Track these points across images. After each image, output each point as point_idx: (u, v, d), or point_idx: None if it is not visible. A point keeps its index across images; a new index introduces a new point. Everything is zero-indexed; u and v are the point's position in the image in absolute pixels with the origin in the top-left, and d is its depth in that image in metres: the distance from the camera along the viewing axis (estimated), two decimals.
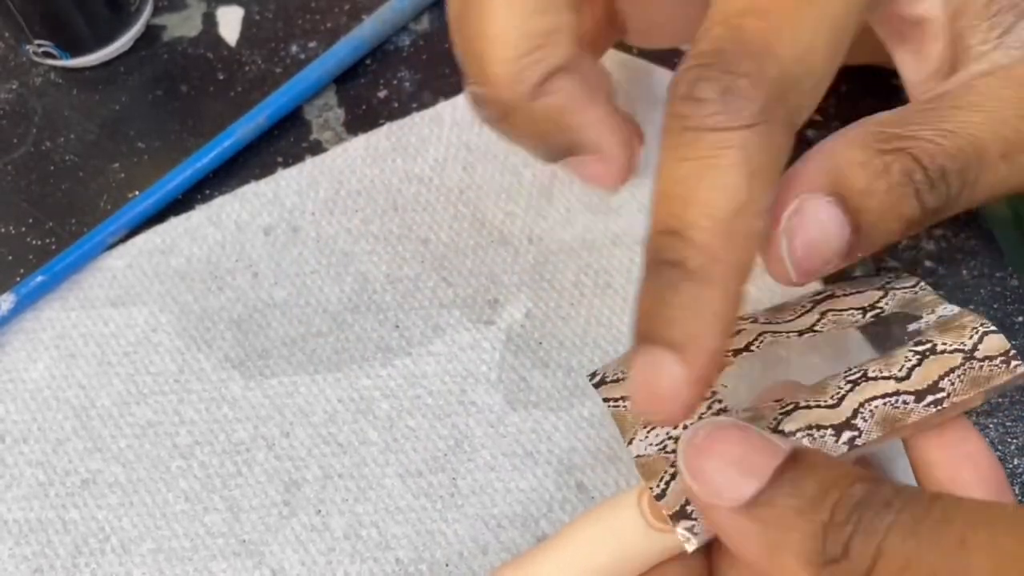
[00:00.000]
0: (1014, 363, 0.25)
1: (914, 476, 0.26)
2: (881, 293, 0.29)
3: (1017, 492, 0.32)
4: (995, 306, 0.34)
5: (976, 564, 0.19)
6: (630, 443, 0.27)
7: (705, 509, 0.22)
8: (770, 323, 0.28)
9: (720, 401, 0.27)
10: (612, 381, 0.29)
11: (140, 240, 0.37)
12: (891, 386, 0.25)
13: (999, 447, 0.32)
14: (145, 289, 0.37)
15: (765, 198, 0.22)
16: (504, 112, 0.27)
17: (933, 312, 0.27)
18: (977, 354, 0.25)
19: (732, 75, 0.22)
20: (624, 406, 0.28)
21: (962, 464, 0.25)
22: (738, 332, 0.28)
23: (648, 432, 0.26)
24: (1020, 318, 0.34)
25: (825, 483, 0.21)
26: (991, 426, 0.33)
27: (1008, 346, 0.25)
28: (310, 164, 0.39)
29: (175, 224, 0.38)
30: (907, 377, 0.25)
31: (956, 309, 0.27)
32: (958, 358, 0.25)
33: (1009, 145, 0.25)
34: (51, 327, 0.36)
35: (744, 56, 0.22)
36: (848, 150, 0.24)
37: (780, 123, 0.22)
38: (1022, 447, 0.32)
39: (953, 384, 0.25)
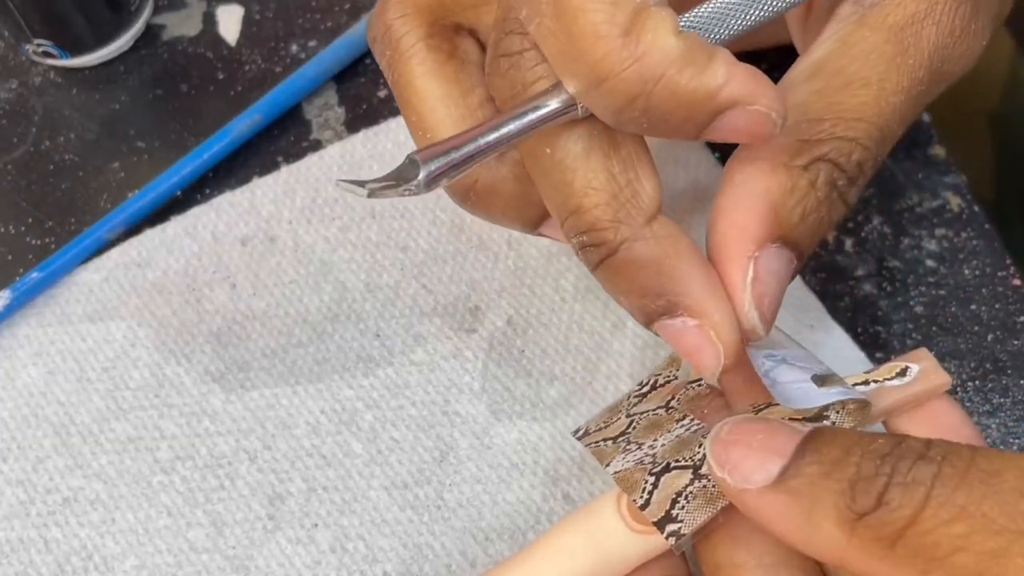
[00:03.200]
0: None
1: None
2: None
3: None
4: (996, 306, 0.34)
5: None
6: (607, 465, 0.27)
7: (737, 497, 0.23)
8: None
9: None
10: (596, 431, 0.29)
11: (115, 253, 0.37)
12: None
13: (1001, 447, 0.32)
14: (122, 303, 0.36)
15: None
16: (607, 253, 0.24)
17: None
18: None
19: None
20: (604, 445, 0.28)
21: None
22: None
23: (625, 456, 0.27)
24: (1022, 318, 0.33)
25: (846, 445, 0.22)
26: (993, 426, 0.32)
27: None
28: (285, 172, 0.38)
29: (151, 236, 0.37)
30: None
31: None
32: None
33: (904, 111, 0.25)
34: (28, 344, 0.35)
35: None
36: (770, 177, 0.24)
37: None
38: None
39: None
